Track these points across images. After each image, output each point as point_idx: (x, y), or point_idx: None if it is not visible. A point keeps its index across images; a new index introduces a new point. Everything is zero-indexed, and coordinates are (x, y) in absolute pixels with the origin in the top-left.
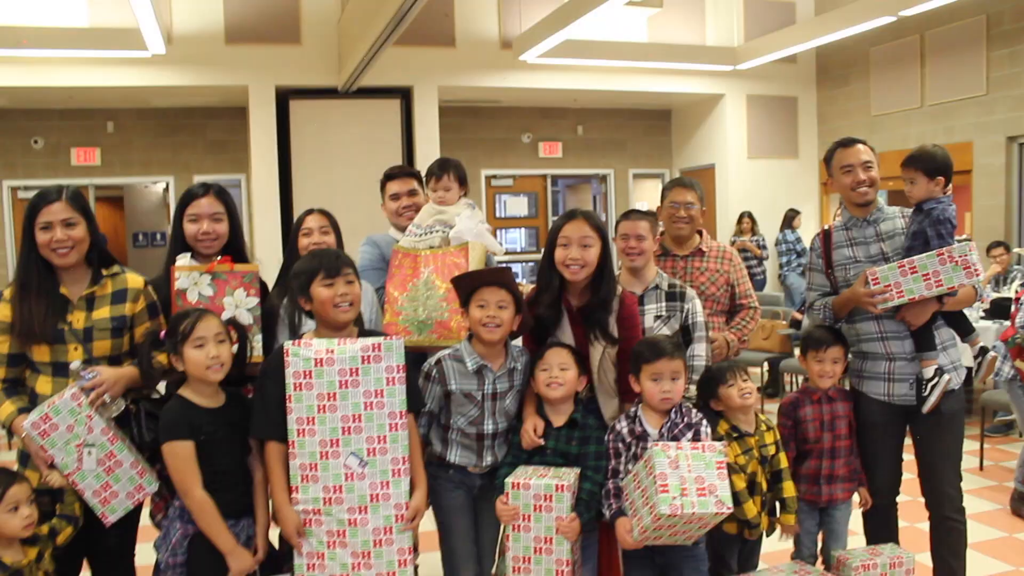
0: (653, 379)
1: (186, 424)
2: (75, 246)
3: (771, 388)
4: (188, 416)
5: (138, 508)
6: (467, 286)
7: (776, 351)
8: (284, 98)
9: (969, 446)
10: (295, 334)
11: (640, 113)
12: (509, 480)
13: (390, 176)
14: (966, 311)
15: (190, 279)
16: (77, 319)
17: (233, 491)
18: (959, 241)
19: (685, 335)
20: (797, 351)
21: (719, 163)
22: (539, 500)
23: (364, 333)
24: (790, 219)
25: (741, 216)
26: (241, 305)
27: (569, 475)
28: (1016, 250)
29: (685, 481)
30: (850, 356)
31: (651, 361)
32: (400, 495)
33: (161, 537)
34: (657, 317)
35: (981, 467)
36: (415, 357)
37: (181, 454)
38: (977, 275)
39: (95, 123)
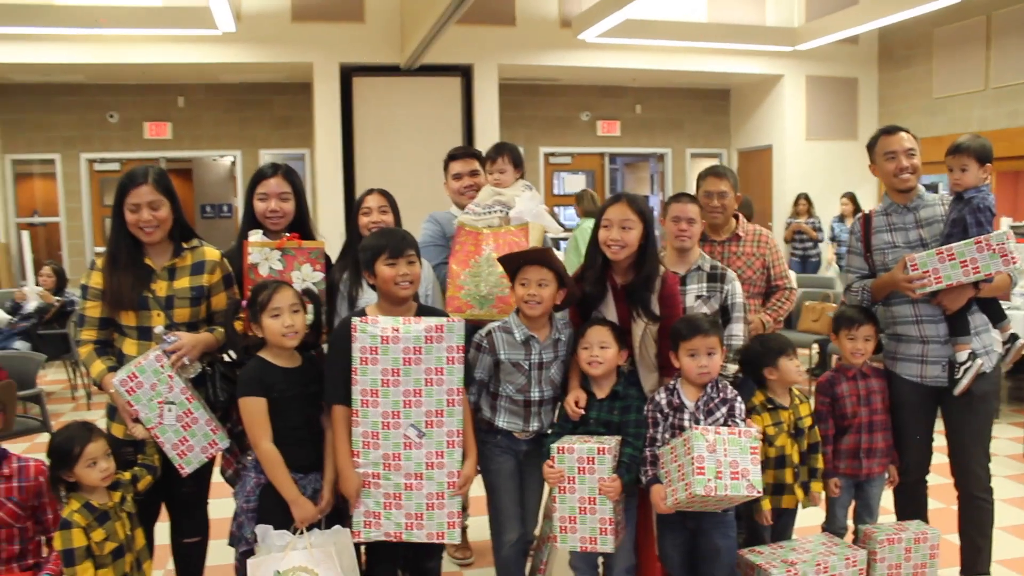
0: (690, 355)
1: (260, 382)
2: (159, 225)
3: (819, 369)
4: (263, 375)
5: (211, 462)
6: (511, 264)
7: (826, 333)
8: (348, 75)
9: (1013, 433)
10: (352, 306)
11: (698, 93)
12: (555, 445)
13: (453, 156)
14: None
15: (261, 254)
16: (160, 288)
17: (303, 446)
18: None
19: (724, 315)
20: None
21: (777, 144)
22: (583, 463)
23: (421, 308)
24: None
25: (797, 198)
26: (308, 279)
27: (611, 440)
28: None
29: (721, 464)
30: (884, 338)
31: (688, 338)
32: (453, 464)
33: (240, 485)
34: (698, 297)
35: None
36: (468, 329)
37: (253, 409)
38: (1014, 263)
39: (167, 98)
